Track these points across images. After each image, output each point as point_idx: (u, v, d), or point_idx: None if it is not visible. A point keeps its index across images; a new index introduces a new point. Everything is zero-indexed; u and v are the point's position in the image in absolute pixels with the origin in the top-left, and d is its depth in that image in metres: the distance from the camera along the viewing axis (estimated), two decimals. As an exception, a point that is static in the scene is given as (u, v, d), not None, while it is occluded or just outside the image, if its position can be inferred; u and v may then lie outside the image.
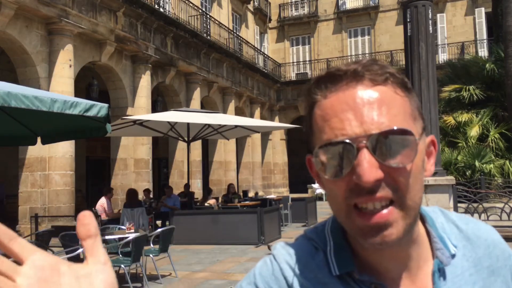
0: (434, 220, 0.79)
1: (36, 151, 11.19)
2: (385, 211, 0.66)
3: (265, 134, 26.42)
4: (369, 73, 0.68)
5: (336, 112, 0.67)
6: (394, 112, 0.67)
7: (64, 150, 11.58)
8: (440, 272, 0.74)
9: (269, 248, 9.19)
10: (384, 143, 0.65)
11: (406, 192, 0.67)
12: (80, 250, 5.94)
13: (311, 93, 0.72)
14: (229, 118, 12.32)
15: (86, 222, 0.53)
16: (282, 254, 0.77)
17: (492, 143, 13.50)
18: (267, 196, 16.96)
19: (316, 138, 0.71)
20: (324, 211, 15.62)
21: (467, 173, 12.37)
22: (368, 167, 0.64)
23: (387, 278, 0.73)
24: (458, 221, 0.82)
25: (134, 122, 10.71)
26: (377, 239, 0.66)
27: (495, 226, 0.85)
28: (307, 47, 30.31)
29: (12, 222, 12.12)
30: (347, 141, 0.65)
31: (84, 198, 19.97)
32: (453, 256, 0.76)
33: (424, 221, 0.78)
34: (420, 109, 0.72)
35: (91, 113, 5.23)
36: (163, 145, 20.58)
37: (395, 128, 0.65)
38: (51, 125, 6.42)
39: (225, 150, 21.28)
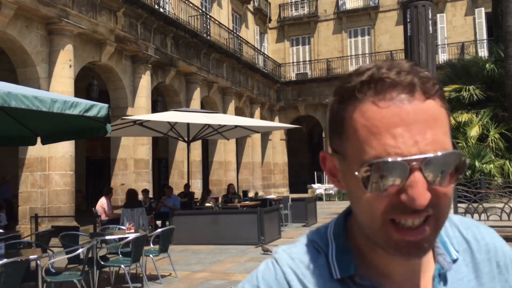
0: None
1: (36, 151, 11.18)
2: (426, 228, 0.65)
3: (265, 134, 26.42)
4: (423, 85, 0.65)
5: (388, 126, 0.64)
6: (445, 130, 0.65)
7: (64, 150, 11.58)
8: (440, 277, 0.74)
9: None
10: (436, 165, 0.63)
11: (445, 209, 0.66)
12: (80, 251, 5.94)
13: (352, 93, 0.67)
14: (229, 118, 12.32)
15: None
16: (284, 258, 0.77)
17: (492, 143, 13.50)
18: (267, 196, 16.96)
19: (355, 146, 0.66)
20: (324, 211, 15.63)
21: (467, 173, 12.36)
22: (422, 190, 0.62)
23: (390, 282, 0.73)
24: (460, 225, 0.82)
25: (134, 122, 10.71)
26: (413, 253, 0.65)
27: (495, 226, 0.85)
28: (307, 47, 30.30)
29: (11, 222, 12.13)
30: (402, 161, 0.63)
31: (84, 198, 19.98)
32: (454, 261, 0.76)
33: None
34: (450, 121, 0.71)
35: (91, 113, 5.23)
36: (163, 145, 20.58)
37: (446, 152, 0.64)
38: (51, 125, 6.42)
39: (225, 150, 21.28)
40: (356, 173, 0.65)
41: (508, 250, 0.82)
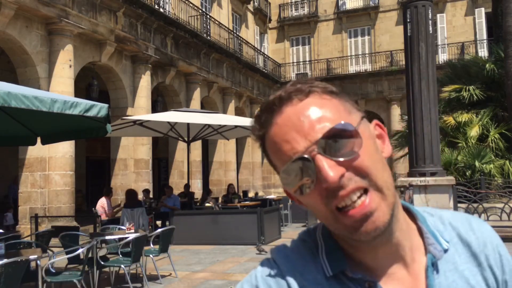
0: (425, 218, 0.81)
1: (36, 151, 11.18)
2: (365, 199, 0.69)
3: (265, 134, 26.39)
4: (293, 93, 0.74)
5: (282, 137, 0.73)
6: (328, 115, 0.72)
7: (64, 150, 11.58)
8: (433, 266, 0.76)
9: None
10: (331, 143, 0.69)
11: (373, 174, 0.70)
12: (80, 251, 5.94)
13: (255, 133, 0.78)
14: (229, 118, 12.32)
15: None
16: (282, 257, 0.78)
17: (492, 143, 13.49)
18: (267, 196, 16.96)
19: (277, 167, 0.75)
20: (324, 211, 15.60)
21: (467, 173, 12.36)
22: (328, 168, 0.68)
23: (382, 274, 0.74)
24: (452, 220, 0.83)
25: (134, 122, 10.71)
26: (369, 227, 0.69)
27: (495, 226, 0.85)
28: (307, 47, 30.30)
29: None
30: (300, 156, 0.70)
31: (84, 198, 19.98)
32: (445, 250, 0.78)
33: (415, 219, 0.80)
34: (353, 104, 0.77)
35: (91, 113, 5.23)
36: (163, 145, 20.57)
37: (332, 126, 0.70)
38: (51, 125, 6.42)
39: (225, 150, 21.28)
40: (282, 185, 0.74)
41: (497, 241, 0.82)
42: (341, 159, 0.69)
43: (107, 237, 7.31)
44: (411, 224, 0.79)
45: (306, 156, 0.69)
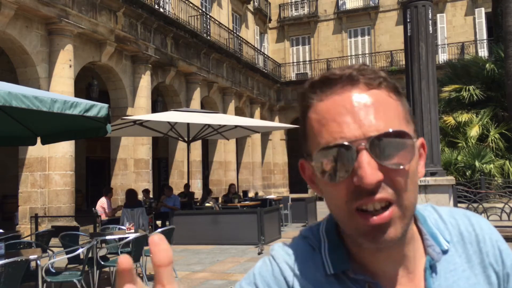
0: (426, 218, 0.80)
1: (36, 151, 11.18)
2: (386, 212, 0.67)
3: (265, 134, 26.42)
4: (364, 77, 0.70)
5: (334, 115, 0.68)
6: (390, 115, 0.69)
7: (64, 150, 11.58)
8: (432, 268, 0.75)
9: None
10: (382, 145, 0.66)
11: (404, 193, 0.68)
12: (80, 251, 5.94)
13: (305, 97, 0.73)
14: (229, 118, 12.32)
15: (164, 248, 0.50)
16: (281, 255, 0.77)
17: (492, 143, 13.49)
18: (267, 196, 16.95)
19: (313, 142, 0.71)
20: (324, 211, 15.59)
21: (467, 173, 12.37)
22: (369, 168, 0.65)
23: (383, 278, 0.74)
24: (451, 217, 0.82)
25: (134, 122, 10.71)
26: (378, 239, 0.67)
27: (495, 226, 0.85)
28: (307, 47, 30.30)
29: (11, 222, 12.13)
30: (346, 143, 0.66)
31: (84, 198, 19.99)
32: (445, 252, 0.77)
33: (416, 220, 0.79)
34: (411, 113, 0.74)
35: (91, 113, 5.23)
36: (163, 145, 20.58)
37: (391, 130, 0.67)
38: (51, 125, 6.42)
39: (225, 150, 21.28)
40: (312, 163, 0.70)
41: (497, 239, 0.82)
42: (384, 165, 0.66)
43: (107, 237, 7.31)
44: (414, 228, 0.78)
45: (352, 146, 0.66)
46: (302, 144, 0.75)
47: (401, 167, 0.67)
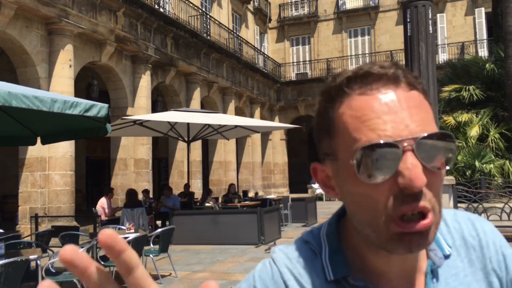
0: None
1: (36, 151, 11.18)
2: (427, 220, 0.64)
3: (265, 134, 26.42)
4: (406, 78, 0.68)
5: (377, 113, 0.65)
6: (430, 118, 0.67)
7: (64, 150, 11.58)
8: (433, 273, 0.74)
9: (269, 248, 9.18)
10: (427, 146, 0.64)
11: (439, 198, 0.66)
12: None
13: (338, 92, 0.69)
14: (229, 118, 12.32)
15: (120, 248, 0.44)
16: (282, 258, 0.77)
17: (492, 143, 13.50)
18: (267, 196, 16.96)
19: (345, 139, 0.67)
20: (324, 211, 15.62)
21: (467, 173, 12.37)
22: (419, 171, 0.62)
23: (385, 281, 0.73)
24: (455, 221, 0.81)
25: (134, 122, 10.71)
26: (413, 246, 0.65)
27: (494, 226, 0.85)
28: (307, 47, 30.30)
29: (11, 222, 12.14)
30: (394, 142, 0.63)
31: (84, 198, 19.99)
32: (447, 256, 0.76)
33: None
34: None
35: (91, 113, 5.23)
36: (163, 145, 20.57)
37: (440, 131, 0.65)
38: (51, 125, 6.42)
39: (225, 150, 21.28)
40: (351, 161, 0.65)
41: (500, 244, 0.80)
42: (429, 168, 0.64)
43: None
44: None
45: (399, 145, 0.63)
46: (321, 141, 0.72)
47: (440, 172, 0.65)
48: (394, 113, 0.65)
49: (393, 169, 0.63)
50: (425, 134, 0.64)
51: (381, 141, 0.63)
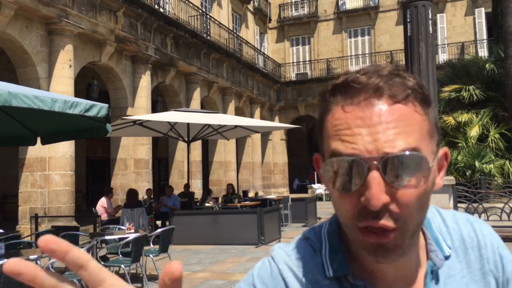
0: (430, 221, 0.79)
1: (36, 151, 11.18)
2: (384, 238, 0.64)
3: (265, 134, 26.42)
4: (390, 90, 0.65)
5: (350, 125, 0.65)
6: (411, 132, 0.64)
7: (64, 150, 11.58)
8: (432, 274, 0.74)
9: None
10: (396, 165, 0.63)
11: (410, 216, 0.65)
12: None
13: (325, 100, 0.70)
14: (229, 118, 12.32)
15: (64, 250, 0.45)
16: (281, 255, 0.77)
17: (492, 143, 13.50)
18: (267, 196, 16.95)
19: (326, 144, 0.69)
20: (324, 211, 15.63)
21: (467, 173, 12.37)
22: (378, 190, 0.62)
23: (383, 281, 0.73)
24: (454, 222, 0.81)
25: (134, 122, 10.71)
26: (379, 256, 0.65)
27: (495, 226, 0.85)
28: (307, 47, 30.31)
29: (11, 222, 12.14)
30: (358, 157, 0.63)
31: (84, 198, 19.99)
32: (447, 257, 0.76)
33: None
34: (437, 122, 0.71)
35: (91, 113, 5.22)
36: (163, 145, 20.58)
37: (407, 152, 0.63)
38: (51, 125, 6.42)
39: (225, 150, 21.28)
40: (320, 170, 0.68)
41: (497, 245, 0.81)
42: (394, 187, 0.63)
43: (107, 237, 7.31)
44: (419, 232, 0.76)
45: (363, 162, 0.63)
46: (319, 141, 0.73)
47: (412, 190, 0.64)
48: (367, 128, 0.64)
49: (358, 184, 0.63)
50: (392, 152, 0.62)
51: (346, 153, 0.64)
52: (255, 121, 14.57)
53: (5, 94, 4.42)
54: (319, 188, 24.38)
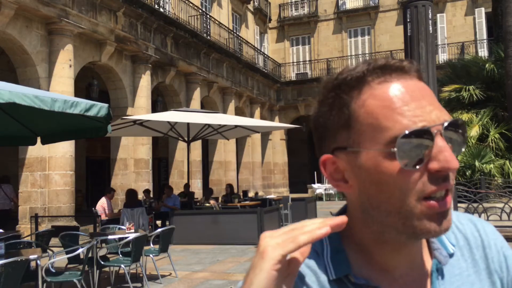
0: None
1: (36, 151, 11.18)
2: (448, 198, 0.67)
3: (265, 134, 26.42)
4: (417, 70, 0.71)
5: (404, 101, 0.66)
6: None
7: (64, 150, 11.58)
8: (438, 272, 0.75)
9: None
10: (453, 131, 0.67)
11: (453, 184, 0.69)
12: (80, 251, 5.94)
13: (361, 82, 0.69)
14: (229, 118, 12.32)
15: None
16: None
17: (492, 143, 13.49)
18: (267, 196, 16.95)
19: (374, 129, 0.66)
20: (324, 211, 15.62)
21: (467, 173, 12.36)
22: (451, 152, 0.65)
23: (389, 278, 0.73)
24: (457, 221, 0.82)
25: (134, 122, 10.71)
26: (444, 224, 0.67)
27: (495, 226, 0.85)
28: (307, 47, 30.30)
29: (11, 222, 12.13)
30: (428, 128, 0.65)
31: (84, 198, 19.98)
32: (451, 255, 0.76)
33: None
34: None
35: (91, 113, 5.22)
36: (163, 145, 20.58)
37: (460, 118, 0.69)
38: (51, 125, 6.42)
39: (225, 150, 21.28)
40: (392, 149, 0.64)
41: (502, 245, 0.81)
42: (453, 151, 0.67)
43: (107, 237, 7.31)
44: None
45: (432, 130, 0.64)
46: (335, 135, 0.70)
47: (460, 152, 0.69)
48: (417, 101, 0.67)
49: (428, 153, 0.65)
50: (452, 119, 0.67)
51: (419, 127, 0.65)
52: (255, 121, 14.57)
53: (5, 94, 4.42)
54: (319, 188, 24.38)
